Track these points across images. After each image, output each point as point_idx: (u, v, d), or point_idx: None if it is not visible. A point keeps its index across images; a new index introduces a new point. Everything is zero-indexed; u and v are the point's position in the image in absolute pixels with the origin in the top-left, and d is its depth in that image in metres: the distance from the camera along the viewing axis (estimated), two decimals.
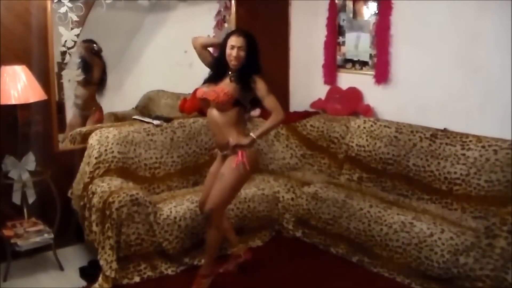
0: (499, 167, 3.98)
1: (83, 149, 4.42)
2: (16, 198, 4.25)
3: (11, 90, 3.93)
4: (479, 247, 3.51)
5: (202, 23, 5.43)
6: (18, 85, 3.95)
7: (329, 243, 4.39)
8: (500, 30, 4.13)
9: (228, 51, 3.71)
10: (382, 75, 4.94)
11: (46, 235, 4.16)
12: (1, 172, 4.15)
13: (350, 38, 5.26)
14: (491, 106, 4.25)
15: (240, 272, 3.92)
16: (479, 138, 4.16)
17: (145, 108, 5.34)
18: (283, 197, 4.65)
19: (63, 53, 4.54)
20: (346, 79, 5.30)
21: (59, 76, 4.59)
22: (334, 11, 5.31)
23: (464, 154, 4.16)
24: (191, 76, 5.42)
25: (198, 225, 4.11)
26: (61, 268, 4.23)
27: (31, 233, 4.13)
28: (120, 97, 5.35)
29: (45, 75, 4.29)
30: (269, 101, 3.73)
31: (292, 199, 4.64)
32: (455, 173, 4.18)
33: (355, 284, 3.90)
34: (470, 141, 4.18)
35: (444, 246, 3.66)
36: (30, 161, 4.21)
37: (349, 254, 4.26)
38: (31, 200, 4.28)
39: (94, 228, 3.96)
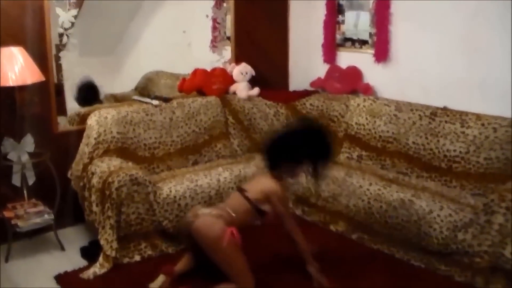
0: (498, 144, 3.97)
1: (82, 130, 4.42)
2: (16, 180, 4.26)
3: (9, 72, 3.91)
4: (478, 224, 3.52)
5: (201, 3, 5.40)
6: (15, 67, 3.93)
7: (329, 221, 4.40)
8: (501, 8, 4.10)
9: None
10: (382, 54, 4.92)
11: (46, 216, 4.17)
12: (0, 154, 4.16)
13: (349, 16, 5.22)
14: (491, 85, 4.22)
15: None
16: (478, 116, 4.15)
17: (145, 89, 5.33)
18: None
19: (61, 35, 4.52)
20: (346, 58, 5.28)
21: (57, 58, 4.58)
22: None
23: (463, 132, 4.16)
24: (190, 56, 5.43)
25: (198, 204, 4.12)
26: (62, 248, 4.26)
27: (32, 214, 4.14)
28: (119, 78, 5.35)
29: (42, 56, 4.27)
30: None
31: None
32: (455, 150, 4.17)
33: (355, 261, 3.92)
34: (470, 119, 4.17)
35: (443, 222, 3.67)
36: (29, 143, 4.22)
37: (348, 232, 4.27)
38: (30, 181, 4.29)
39: (94, 208, 3.97)
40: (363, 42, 5.14)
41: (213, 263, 3.48)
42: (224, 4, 5.39)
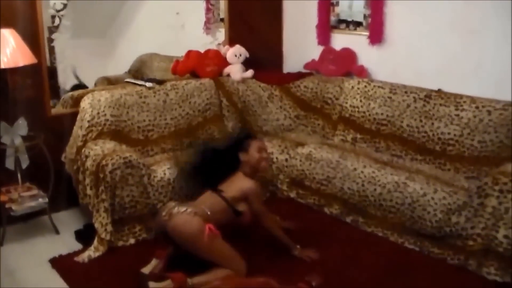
0: (493, 127, 3.97)
1: (75, 113, 4.40)
2: (10, 164, 4.24)
3: (0, 55, 3.88)
4: (471, 206, 3.53)
5: None
6: (6, 49, 3.90)
7: (323, 204, 4.41)
8: None
9: (257, 156, 3.74)
10: (376, 36, 4.89)
11: (40, 200, 4.17)
12: None
13: None
14: (486, 67, 4.21)
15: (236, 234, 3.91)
16: (473, 99, 4.14)
17: (138, 71, 5.31)
18: (277, 158, 4.65)
19: (53, 17, 4.49)
20: (340, 40, 5.25)
21: (50, 41, 4.54)
22: None
23: (458, 115, 4.16)
24: (183, 38, 5.39)
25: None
26: (57, 232, 4.26)
27: (26, 198, 4.14)
28: (112, 61, 5.32)
29: (34, 38, 4.23)
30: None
31: (286, 160, 4.64)
32: (449, 133, 4.17)
33: (349, 244, 3.93)
34: (464, 102, 4.16)
35: (437, 205, 3.68)
36: (22, 126, 4.20)
37: (343, 214, 4.28)
38: (24, 165, 4.27)
39: (88, 191, 3.96)
40: (358, 24, 5.11)
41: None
42: None
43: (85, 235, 4.09)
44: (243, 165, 3.77)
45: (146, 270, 3.44)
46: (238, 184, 3.68)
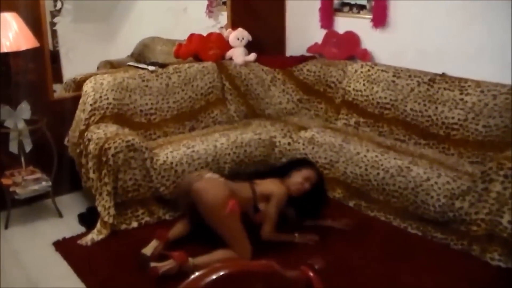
0: (498, 112, 3.95)
1: (78, 97, 4.39)
2: (13, 147, 4.24)
3: (2, 38, 3.86)
4: (475, 192, 3.53)
5: None
6: (9, 33, 3.88)
7: (326, 188, 4.40)
8: None
9: (299, 179, 3.80)
10: (380, 19, 4.86)
11: (44, 183, 4.18)
12: None
13: None
14: (491, 51, 4.18)
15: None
16: (478, 83, 4.12)
17: (141, 55, 5.27)
18: (279, 142, 4.64)
19: (55, 0, 4.46)
20: (343, 23, 5.22)
21: (52, 24, 4.52)
22: None
23: (462, 99, 4.14)
24: (186, 21, 5.36)
25: (195, 170, 4.12)
26: (60, 215, 4.27)
27: (29, 181, 4.15)
28: (115, 45, 5.29)
29: (36, 22, 4.21)
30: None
31: (289, 143, 4.63)
32: (453, 118, 4.16)
33: (352, 228, 3.93)
34: (469, 86, 4.14)
35: (440, 190, 3.67)
36: (25, 110, 4.18)
37: (346, 199, 4.29)
38: (27, 148, 4.27)
39: (91, 175, 3.96)
40: (361, 7, 5.07)
41: (210, 228, 3.52)
42: None
43: (88, 219, 4.10)
44: (287, 178, 3.82)
45: (146, 251, 3.46)
46: (272, 186, 3.73)
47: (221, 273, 1.43)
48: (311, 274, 1.64)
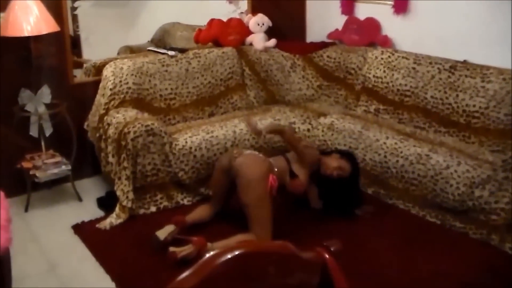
0: None
1: (98, 82, 4.41)
2: (34, 131, 4.28)
3: (23, 23, 3.88)
4: (495, 180, 3.49)
5: None
6: (30, 18, 3.90)
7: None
8: None
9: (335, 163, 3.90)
10: (402, 5, 4.80)
11: (64, 167, 4.21)
12: (17, 106, 4.17)
13: None
14: None
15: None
16: (500, 70, 4.05)
17: (161, 41, 5.27)
18: (299, 128, 4.62)
19: None
20: (364, 9, 5.17)
21: (73, 9, 4.54)
22: None
23: (483, 87, 4.08)
24: (206, 6, 5.34)
25: (214, 155, 4.12)
26: (80, 199, 4.31)
27: (49, 165, 4.18)
28: (135, 30, 5.29)
29: (57, 6, 4.24)
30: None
31: (308, 130, 4.62)
32: (474, 106, 4.10)
33: (370, 216, 3.92)
34: (491, 73, 4.08)
35: (460, 178, 3.63)
36: (46, 94, 4.22)
37: (364, 186, 4.26)
38: (48, 132, 4.31)
39: (110, 159, 3.99)
40: None
41: (236, 208, 3.56)
42: None
43: (107, 203, 4.13)
44: (325, 155, 3.98)
45: (160, 234, 3.49)
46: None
47: (236, 253, 1.43)
48: (327, 256, 1.63)
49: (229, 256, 1.41)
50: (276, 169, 3.62)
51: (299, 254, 1.54)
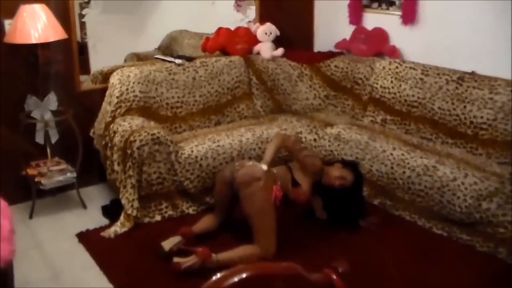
0: None
1: (105, 89, 4.41)
2: (39, 138, 4.29)
3: (31, 30, 3.89)
4: (503, 193, 3.46)
5: None
6: (38, 24, 3.91)
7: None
8: None
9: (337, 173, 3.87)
10: (409, 16, 4.79)
11: (69, 174, 4.21)
12: (24, 112, 4.17)
13: None
14: None
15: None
16: (508, 82, 4.03)
17: (168, 48, 5.28)
18: (305, 137, 4.60)
19: None
20: (372, 19, 5.17)
21: (81, 16, 4.55)
22: None
23: (491, 98, 4.05)
24: (214, 15, 5.35)
25: (220, 164, 4.11)
26: (84, 206, 4.30)
27: (55, 172, 4.18)
28: (142, 37, 5.30)
29: (65, 13, 4.25)
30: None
31: (315, 140, 4.60)
32: (482, 117, 4.08)
33: (376, 227, 3.89)
34: (499, 84, 4.06)
35: (467, 190, 3.60)
36: (52, 101, 4.22)
37: (370, 197, 4.24)
38: (54, 139, 4.31)
39: (116, 167, 3.98)
40: (390, 3, 5.01)
41: (240, 220, 3.53)
42: None
43: (112, 211, 4.12)
44: (328, 165, 3.96)
45: (166, 245, 3.48)
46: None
47: (243, 275, 1.41)
48: (335, 277, 1.61)
49: (236, 279, 1.40)
50: (279, 183, 3.59)
51: (306, 275, 1.53)
